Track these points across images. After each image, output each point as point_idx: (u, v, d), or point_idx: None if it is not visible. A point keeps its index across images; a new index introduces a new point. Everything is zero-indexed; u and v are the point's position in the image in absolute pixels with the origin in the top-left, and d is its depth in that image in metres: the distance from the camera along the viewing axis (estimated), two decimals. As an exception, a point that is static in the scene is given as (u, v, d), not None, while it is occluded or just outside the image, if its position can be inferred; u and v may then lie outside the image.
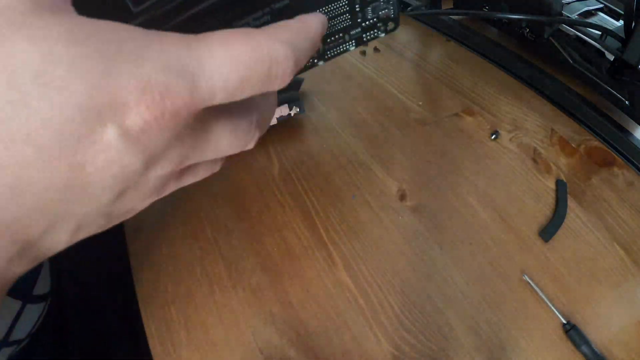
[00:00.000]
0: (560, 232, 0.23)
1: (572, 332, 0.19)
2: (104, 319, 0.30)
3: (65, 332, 0.27)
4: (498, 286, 0.21)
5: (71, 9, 0.07)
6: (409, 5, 0.44)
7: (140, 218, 0.25)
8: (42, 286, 0.24)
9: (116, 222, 0.10)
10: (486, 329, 0.19)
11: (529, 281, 0.21)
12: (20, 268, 0.09)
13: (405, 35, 0.39)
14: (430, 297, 0.20)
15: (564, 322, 0.19)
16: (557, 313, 0.20)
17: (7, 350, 0.21)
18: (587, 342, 0.19)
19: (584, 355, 0.18)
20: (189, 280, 0.21)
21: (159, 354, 0.19)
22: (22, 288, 0.23)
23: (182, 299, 0.21)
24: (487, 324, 0.19)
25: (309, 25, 0.10)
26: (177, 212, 0.25)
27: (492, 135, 0.29)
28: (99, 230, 0.09)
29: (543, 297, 0.20)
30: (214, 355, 0.19)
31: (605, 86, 0.30)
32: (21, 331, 0.22)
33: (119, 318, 0.30)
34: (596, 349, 0.18)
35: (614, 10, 0.33)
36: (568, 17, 0.31)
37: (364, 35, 0.14)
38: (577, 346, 0.19)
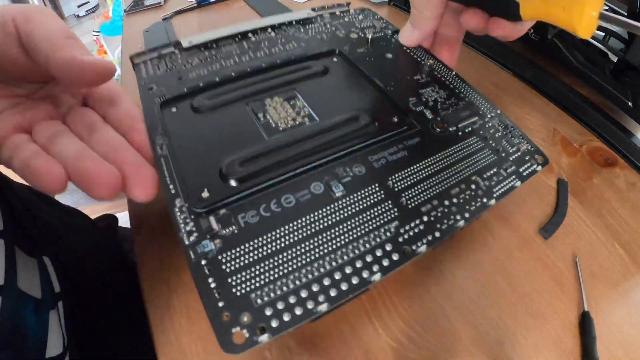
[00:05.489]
0: (560, 230, 0.23)
1: (586, 320, 0.19)
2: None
3: None
4: (497, 282, 0.21)
5: None
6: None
7: (146, 211, 0.25)
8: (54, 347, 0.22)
9: None
10: (484, 323, 0.19)
11: (577, 263, 0.22)
12: None
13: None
14: (429, 291, 0.21)
15: (585, 309, 0.20)
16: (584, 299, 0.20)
17: None
18: (594, 337, 0.19)
19: (584, 346, 0.18)
20: (192, 270, 0.22)
21: (162, 342, 0.19)
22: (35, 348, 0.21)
23: (185, 289, 0.21)
24: (486, 319, 0.20)
25: None
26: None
27: (495, 134, 0.29)
28: None
29: (580, 280, 0.21)
30: (214, 342, 0.19)
31: (609, 87, 0.30)
32: None
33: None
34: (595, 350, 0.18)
35: (619, 12, 0.33)
36: (572, 18, 0.31)
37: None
38: (585, 334, 0.19)
